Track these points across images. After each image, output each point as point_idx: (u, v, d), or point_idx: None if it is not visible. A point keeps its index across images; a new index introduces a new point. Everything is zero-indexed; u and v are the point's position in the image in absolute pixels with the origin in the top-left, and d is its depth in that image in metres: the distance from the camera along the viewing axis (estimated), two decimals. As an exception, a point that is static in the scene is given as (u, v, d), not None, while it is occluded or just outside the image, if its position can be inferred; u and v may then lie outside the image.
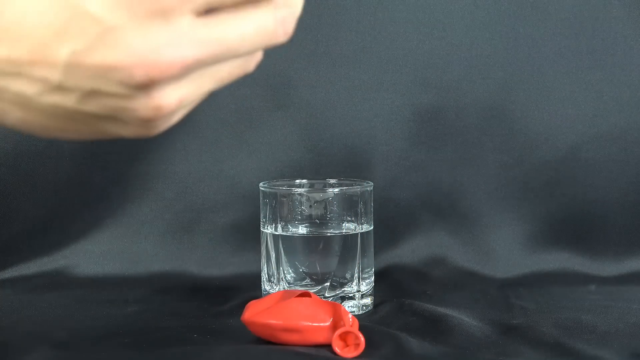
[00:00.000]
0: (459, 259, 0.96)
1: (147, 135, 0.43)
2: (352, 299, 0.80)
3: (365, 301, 0.81)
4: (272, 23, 0.43)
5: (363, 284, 0.81)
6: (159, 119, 0.41)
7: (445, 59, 0.99)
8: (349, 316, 0.69)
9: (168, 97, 0.41)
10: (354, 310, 0.80)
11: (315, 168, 0.98)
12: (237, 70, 0.44)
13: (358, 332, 0.66)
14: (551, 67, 0.99)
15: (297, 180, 0.85)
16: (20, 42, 0.39)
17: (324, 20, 0.98)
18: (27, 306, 0.84)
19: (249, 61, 0.45)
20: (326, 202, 0.80)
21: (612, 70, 0.99)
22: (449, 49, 0.99)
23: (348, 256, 0.80)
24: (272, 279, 0.80)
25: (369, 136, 0.99)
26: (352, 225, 0.81)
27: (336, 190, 0.81)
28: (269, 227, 0.81)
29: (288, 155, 0.98)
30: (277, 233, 0.80)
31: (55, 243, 0.96)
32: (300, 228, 0.81)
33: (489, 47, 0.99)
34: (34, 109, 0.40)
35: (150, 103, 0.40)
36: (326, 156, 0.99)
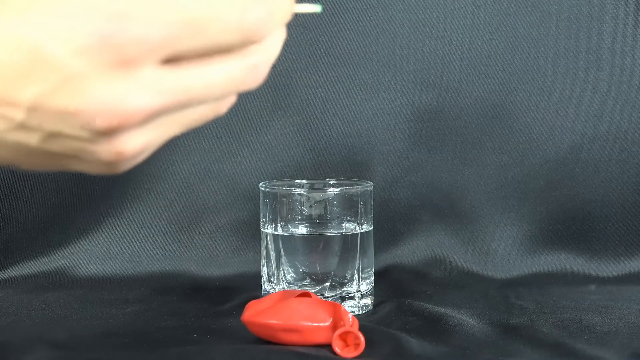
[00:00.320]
0: (459, 259, 0.96)
1: (112, 174, 0.43)
2: (352, 299, 0.80)
3: (365, 301, 0.81)
4: (242, 70, 0.42)
5: (363, 284, 0.81)
6: (121, 163, 0.41)
7: (445, 59, 0.99)
8: (349, 316, 0.69)
9: (130, 143, 0.41)
10: (354, 310, 0.80)
11: (315, 168, 0.98)
12: (206, 114, 0.44)
13: (358, 332, 0.66)
14: (551, 67, 0.99)
15: (297, 180, 0.85)
16: None
17: (324, 20, 0.98)
18: (27, 306, 0.84)
19: (221, 105, 0.44)
20: (326, 202, 0.80)
21: (612, 70, 0.99)
22: (449, 49, 0.99)
23: (348, 256, 0.80)
24: (272, 279, 0.80)
25: (369, 136, 0.99)
26: (352, 225, 0.81)
27: (336, 190, 0.81)
28: (269, 227, 0.81)
29: (288, 155, 0.99)
30: (277, 233, 0.80)
31: (55, 243, 0.96)
32: (300, 228, 0.81)
33: (489, 47, 0.99)
34: (1, 141, 0.40)
35: (112, 148, 0.40)
36: (326, 156, 0.99)
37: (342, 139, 0.99)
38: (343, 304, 0.79)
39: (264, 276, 0.82)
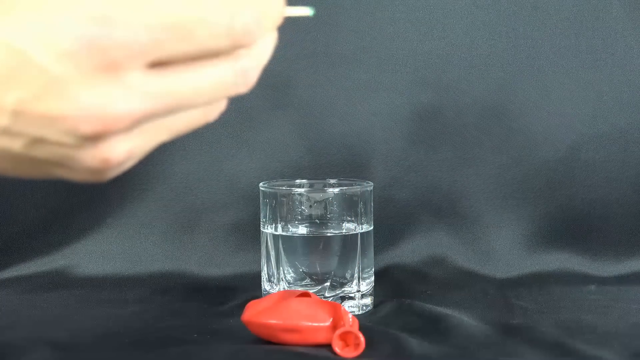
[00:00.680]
0: (459, 259, 0.96)
1: (98, 182, 0.42)
2: (352, 299, 0.80)
3: (365, 301, 0.81)
4: (231, 75, 0.42)
5: (363, 284, 0.81)
6: (107, 169, 0.41)
7: (444, 58, 0.99)
8: (349, 316, 0.69)
9: (116, 150, 0.40)
10: (354, 310, 0.80)
11: (315, 168, 0.98)
12: (195, 120, 0.43)
13: (358, 332, 0.67)
14: (551, 67, 0.99)
15: (297, 180, 0.85)
16: None
17: (323, 20, 0.98)
18: (27, 306, 0.84)
19: (210, 111, 0.43)
20: (326, 202, 0.80)
21: (612, 70, 0.99)
22: (449, 48, 0.99)
23: (348, 256, 0.80)
24: (272, 279, 0.80)
25: (368, 136, 0.99)
26: (352, 225, 0.81)
27: (336, 190, 0.81)
28: (269, 227, 0.81)
29: (288, 155, 0.98)
30: (277, 233, 0.80)
31: (55, 243, 0.96)
32: (300, 228, 0.81)
33: (489, 47, 0.99)
34: None
35: (97, 154, 0.40)
36: (326, 156, 0.99)
37: (341, 138, 0.99)
38: (343, 304, 0.79)
39: (264, 276, 0.82)
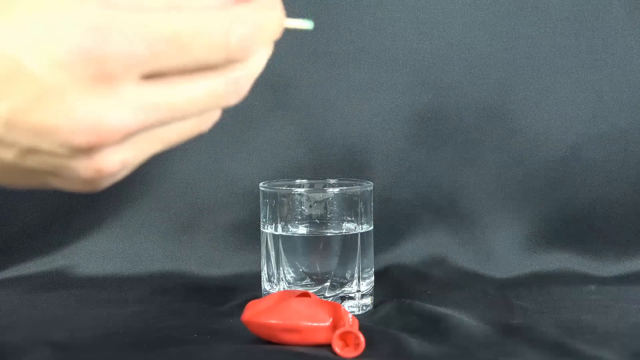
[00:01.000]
0: (459, 259, 0.96)
1: (90, 191, 0.42)
2: (352, 299, 0.80)
3: (365, 301, 0.81)
4: (223, 85, 0.41)
5: (363, 284, 0.81)
6: (100, 180, 0.40)
7: (444, 58, 0.99)
8: (349, 316, 0.69)
9: (110, 161, 0.40)
10: (354, 310, 0.80)
11: (315, 168, 0.98)
12: (188, 130, 0.43)
13: (358, 332, 0.67)
14: (551, 67, 0.99)
15: (297, 180, 0.85)
16: None
17: (323, 20, 0.98)
18: (27, 306, 0.84)
19: (204, 121, 0.43)
20: (326, 202, 0.80)
21: (612, 70, 0.99)
22: (449, 49, 0.99)
23: (348, 256, 0.80)
24: (272, 279, 0.80)
25: (368, 136, 0.99)
26: (352, 225, 0.81)
27: (336, 190, 0.81)
28: (269, 227, 0.81)
29: (288, 155, 0.99)
30: (277, 233, 0.80)
31: (55, 243, 0.96)
32: (300, 228, 0.81)
33: (489, 47, 0.99)
34: None
35: (90, 165, 0.39)
36: (326, 156, 0.99)
37: (342, 138, 0.99)
38: (343, 304, 0.79)
39: (264, 276, 0.82)
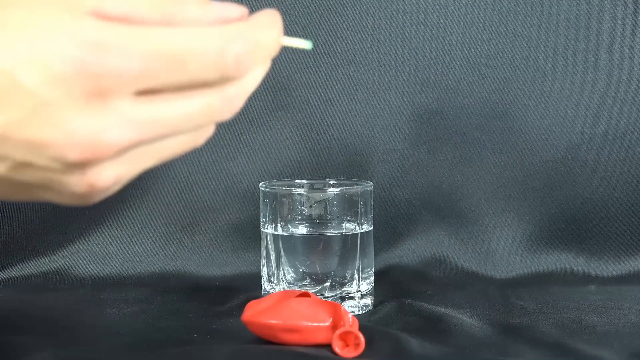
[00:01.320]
0: (459, 259, 0.96)
1: (84, 205, 0.42)
2: (352, 299, 0.80)
3: (365, 301, 0.81)
4: (217, 102, 0.42)
5: (363, 284, 0.80)
6: (93, 195, 0.41)
7: (445, 59, 0.99)
8: (349, 316, 0.69)
9: (103, 176, 0.40)
10: (354, 310, 0.80)
11: (315, 168, 0.98)
12: (182, 146, 0.43)
13: (358, 332, 0.66)
14: (551, 67, 0.99)
15: (297, 180, 0.85)
16: None
17: (324, 20, 0.98)
18: (27, 306, 0.84)
19: (197, 137, 0.43)
20: (326, 202, 0.80)
21: (612, 70, 0.99)
22: (449, 49, 0.99)
23: (348, 256, 0.80)
24: (272, 279, 0.80)
25: (368, 136, 0.99)
26: (352, 225, 0.81)
27: (336, 190, 0.81)
28: (269, 227, 0.81)
29: (288, 155, 0.98)
30: (277, 233, 0.80)
31: (55, 243, 0.96)
32: (300, 228, 0.81)
33: (489, 47, 0.99)
34: None
35: (84, 180, 0.39)
36: (326, 156, 0.99)
37: (342, 139, 0.99)
38: (343, 304, 0.79)
39: (264, 276, 0.82)
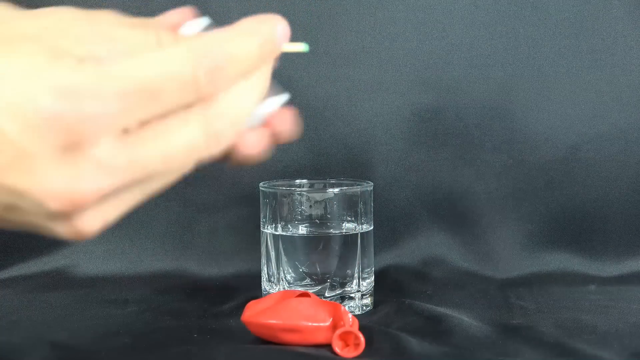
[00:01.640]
0: (459, 259, 0.96)
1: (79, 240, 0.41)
2: (352, 299, 0.80)
3: (365, 301, 0.81)
4: (202, 139, 0.40)
5: (363, 284, 0.81)
6: (82, 238, 0.40)
7: (445, 59, 0.99)
8: (349, 316, 0.69)
9: (88, 222, 0.39)
10: (354, 310, 0.80)
11: (315, 168, 0.98)
12: (170, 179, 0.41)
13: (358, 332, 0.67)
14: (551, 67, 0.99)
15: (297, 180, 0.85)
16: None
17: (324, 20, 0.98)
18: (27, 306, 0.84)
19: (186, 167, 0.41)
20: (326, 202, 0.80)
21: (612, 70, 0.99)
22: (449, 49, 0.99)
23: (348, 256, 0.80)
24: (272, 279, 0.80)
25: (368, 136, 0.99)
26: (352, 225, 0.81)
27: (336, 190, 0.81)
28: (269, 227, 0.81)
29: (288, 155, 0.99)
30: (277, 233, 0.80)
31: (55, 243, 0.96)
32: (300, 228, 0.81)
33: (489, 47, 0.99)
34: None
35: (69, 227, 0.39)
36: (326, 156, 0.99)
37: (342, 139, 0.99)
38: (343, 304, 0.79)
39: (264, 276, 0.82)
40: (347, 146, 0.99)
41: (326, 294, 0.79)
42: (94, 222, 0.39)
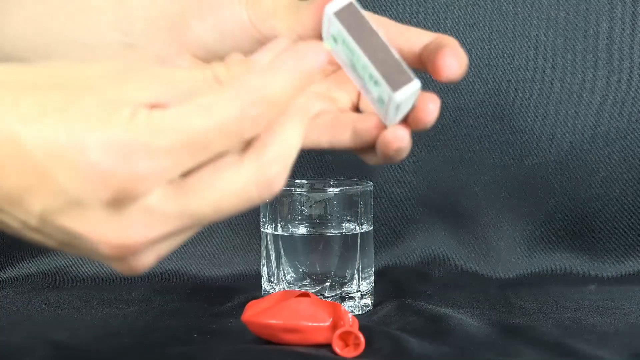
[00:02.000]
0: (459, 259, 0.96)
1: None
2: (352, 299, 0.80)
3: (365, 301, 0.81)
4: (254, 187, 0.40)
5: (363, 284, 0.80)
6: (137, 274, 0.41)
7: (445, 59, 0.99)
8: (349, 316, 0.69)
9: (141, 262, 0.40)
10: (354, 310, 0.80)
11: (315, 168, 0.98)
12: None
13: (358, 332, 0.66)
14: (551, 67, 0.99)
15: (297, 180, 0.85)
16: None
17: (324, 20, 0.98)
18: (27, 306, 0.84)
19: None
20: (326, 202, 0.80)
21: (612, 70, 0.99)
22: (449, 49, 0.99)
23: (348, 256, 0.80)
24: (272, 279, 0.80)
25: (369, 136, 0.99)
26: (352, 225, 0.81)
27: (336, 190, 0.81)
28: (269, 227, 0.81)
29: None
30: (277, 233, 0.80)
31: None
32: (300, 228, 0.81)
33: (489, 47, 0.99)
34: (24, 236, 0.40)
35: (123, 266, 0.40)
36: (326, 156, 0.99)
37: (342, 139, 0.99)
38: (343, 304, 0.79)
39: (264, 276, 0.82)
40: (347, 146, 0.99)
41: (326, 294, 0.79)
42: (148, 260, 0.40)
